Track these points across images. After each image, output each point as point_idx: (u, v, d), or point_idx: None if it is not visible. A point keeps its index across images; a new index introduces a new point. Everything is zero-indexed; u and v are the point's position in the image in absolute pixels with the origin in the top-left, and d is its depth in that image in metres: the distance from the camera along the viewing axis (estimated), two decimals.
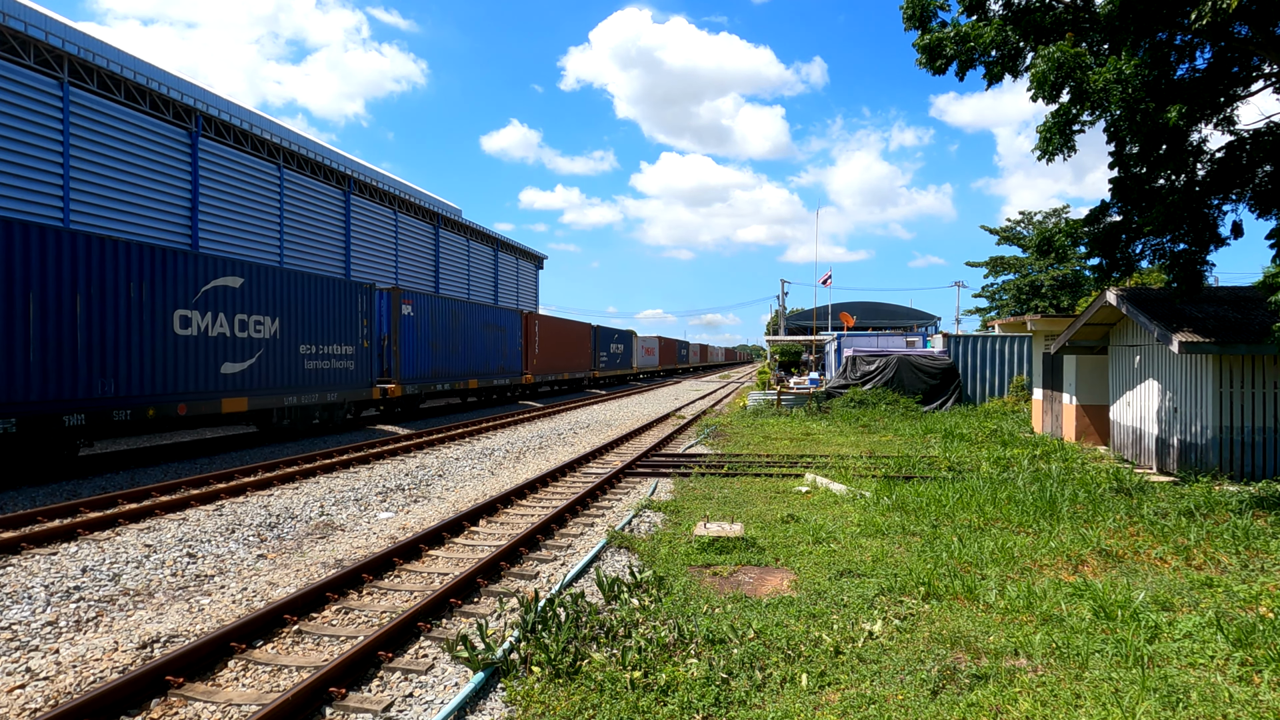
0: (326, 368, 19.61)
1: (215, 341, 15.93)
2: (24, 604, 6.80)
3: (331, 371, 19.81)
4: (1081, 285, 42.19)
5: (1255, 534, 8.35)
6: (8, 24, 22.33)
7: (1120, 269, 11.71)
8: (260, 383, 17.22)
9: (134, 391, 14.02)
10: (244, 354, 16.73)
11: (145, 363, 14.30)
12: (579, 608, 6.11)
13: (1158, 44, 10.13)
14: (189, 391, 15.27)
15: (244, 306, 16.72)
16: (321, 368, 19.40)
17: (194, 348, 15.41)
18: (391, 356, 22.91)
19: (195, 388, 15.44)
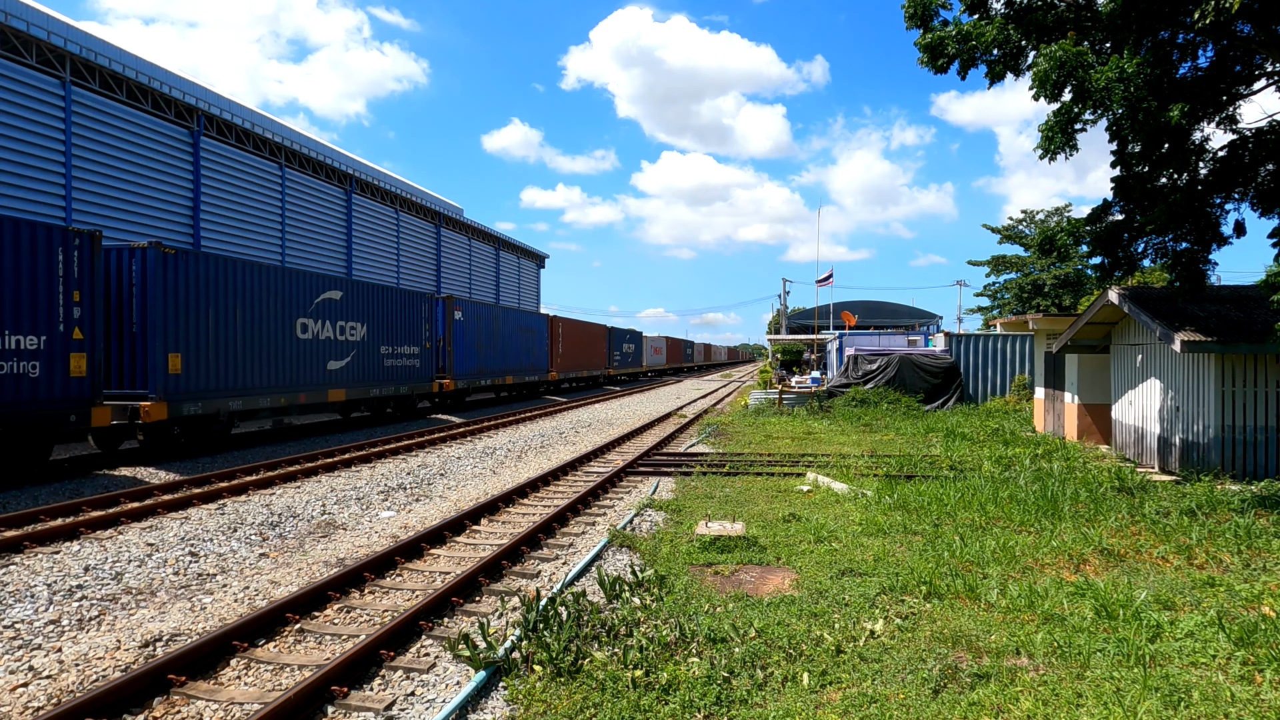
0: (399, 365, 23.19)
1: (324, 344, 19.52)
2: (27, 603, 6.81)
3: (403, 368, 23.43)
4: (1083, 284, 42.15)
5: (1257, 533, 8.34)
6: (10, 23, 22.35)
7: (1122, 268, 11.70)
8: (354, 377, 20.83)
9: (273, 383, 17.66)
10: (343, 354, 20.36)
11: (280, 361, 17.86)
12: (580, 607, 6.12)
13: (1160, 43, 10.11)
14: (307, 384, 18.81)
15: (343, 315, 20.33)
16: (395, 365, 23.02)
17: (310, 349, 18.97)
18: (445, 356, 26.44)
19: (311, 381, 18.98)
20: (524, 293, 64.26)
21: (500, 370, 30.96)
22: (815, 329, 53.83)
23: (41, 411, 12.25)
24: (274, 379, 17.61)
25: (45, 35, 23.50)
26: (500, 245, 59.28)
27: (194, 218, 29.40)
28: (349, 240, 39.84)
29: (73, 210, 24.19)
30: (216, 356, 15.97)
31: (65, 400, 12.65)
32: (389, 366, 22.64)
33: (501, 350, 31.06)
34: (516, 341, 32.76)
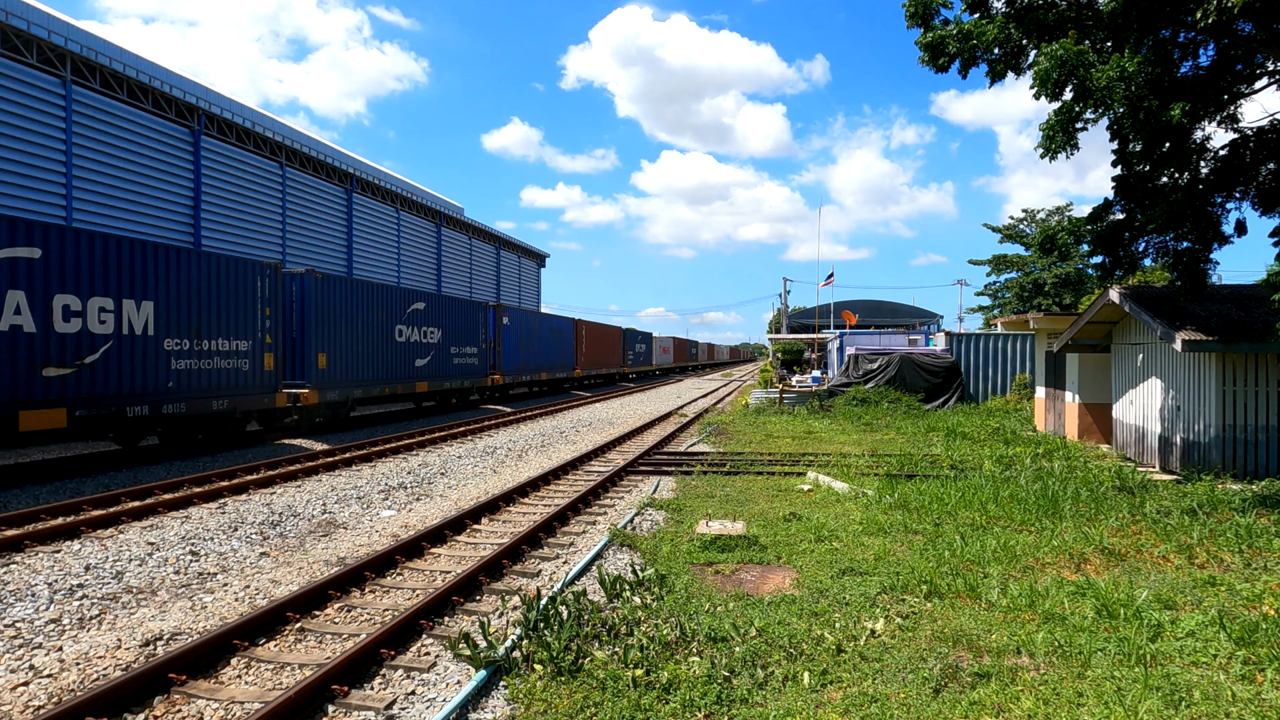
0: (463, 363, 27.49)
1: (413, 346, 23.88)
2: (28, 602, 6.81)
3: (466, 366, 27.65)
4: (1084, 283, 42.10)
5: (1258, 532, 8.34)
6: (10, 22, 22.36)
7: (1123, 267, 11.68)
8: (432, 373, 25.11)
9: (379, 377, 21.96)
10: (425, 354, 24.66)
11: (384, 359, 22.23)
12: (581, 606, 6.12)
13: (1161, 41, 10.09)
14: (402, 378, 23.28)
15: (425, 321, 24.70)
16: (461, 363, 27.25)
17: (404, 350, 23.34)
18: (496, 355, 30.66)
19: (404, 376, 23.44)
20: (524, 292, 64.24)
21: (537, 368, 35.19)
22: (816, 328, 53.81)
23: (250, 395, 16.72)
24: (380, 374, 22.03)
25: (46, 34, 23.50)
26: (501, 244, 59.27)
27: (195, 216, 29.42)
28: (349, 239, 39.85)
29: (73, 209, 24.19)
30: (346, 355, 20.35)
31: (262, 388, 17.09)
32: (456, 364, 26.92)
33: (538, 350, 35.40)
34: (549, 343, 37.17)
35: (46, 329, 12.25)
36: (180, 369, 14.87)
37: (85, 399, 12.83)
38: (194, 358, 15.20)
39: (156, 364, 14.33)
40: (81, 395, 12.78)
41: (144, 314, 14.04)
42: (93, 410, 12.93)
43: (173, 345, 14.69)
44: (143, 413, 13.92)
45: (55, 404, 12.35)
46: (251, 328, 16.64)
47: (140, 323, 13.96)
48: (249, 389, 16.60)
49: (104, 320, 13.24)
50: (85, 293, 12.90)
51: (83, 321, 12.86)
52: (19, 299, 11.83)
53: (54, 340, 12.38)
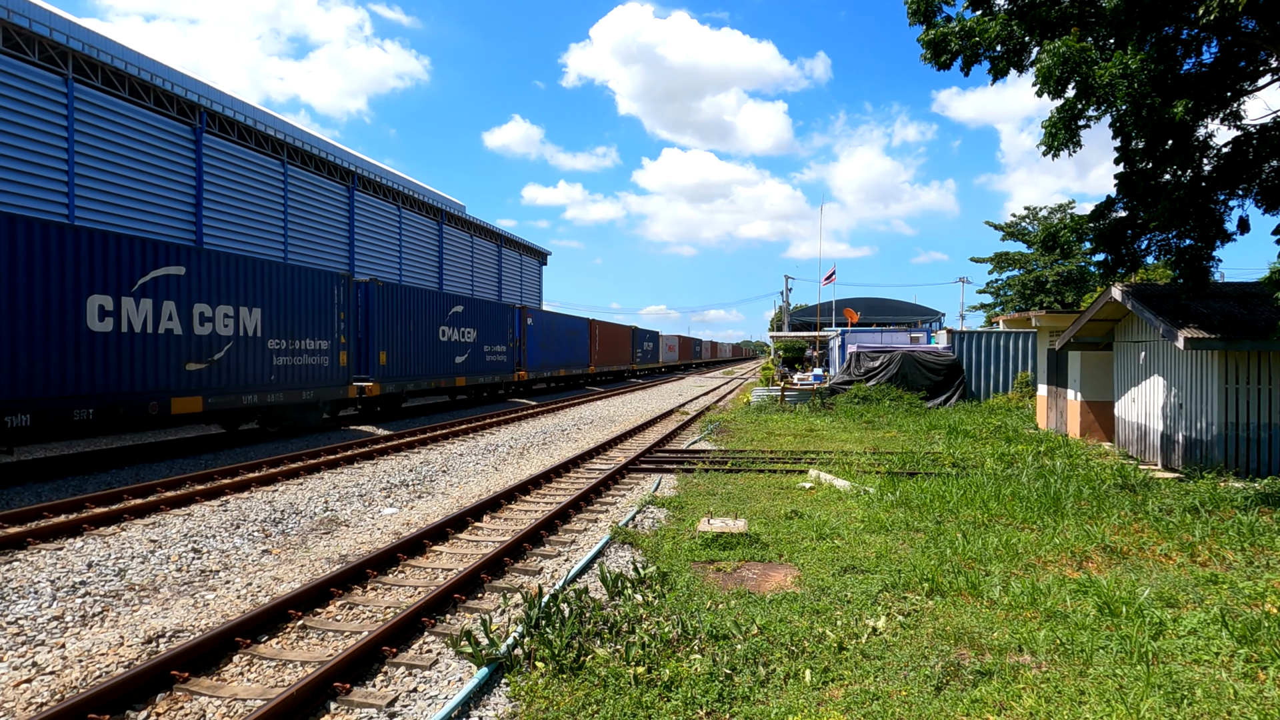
0: (495, 360, 30.24)
1: (454, 345, 26.72)
2: (30, 599, 6.83)
3: (496, 363, 30.36)
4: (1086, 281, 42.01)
5: (1261, 530, 8.33)
6: (12, 20, 22.36)
7: (1125, 265, 11.66)
8: (469, 369, 27.91)
9: (427, 373, 24.71)
10: (463, 352, 27.46)
11: (431, 357, 25.00)
12: (583, 603, 6.12)
13: (1164, 38, 10.07)
14: (445, 374, 25.98)
15: (464, 323, 27.46)
16: (492, 360, 30.03)
17: (446, 348, 26.11)
18: (521, 353, 33.16)
19: (447, 371, 26.08)
20: (526, 290, 64.22)
21: (556, 365, 38.09)
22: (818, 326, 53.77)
23: (329, 387, 19.51)
24: (427, 369, 24.74)
25: (48, 32, 23.51)
26: (502, 242, 59.26)
27: (196, 214, 29.44)
28: (351, 237, 39.86)
29: (75, 207, 24.21)
30: (401, 353, 23.06)
31: (337, 381, 19.84)
32: (488, 361, 29.70)
33: (557, 348, 38.20)
34: (567, 341, 39.99)
35: (189, 331, 15.09)
36: (279, 364, 17.70)
37: (214, 389, 15.70)
38: (289, 355, 18.04)
39: (263, 360, 17.12)
40: (212, 385, 15.65)
41: (254, 319, 16.88)
42: (219, 398, 15.81)
43: (274, 345, 17.52)
44: (253, 401, 16.82)
45: (195, 392, 15.24)
46: (330, 329, 19.63)
47: (251, 326, 16.78)
48: (328, 382, 19.52)
49: (227, 324, 16.06)
50: (214, 302, 15.70)
51: (212, 325, 15.68)
52: (170, 308, 14.65)
53: (193, 340, 15.20)
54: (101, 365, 13.26)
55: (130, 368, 13.81)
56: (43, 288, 12.25)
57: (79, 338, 12.86)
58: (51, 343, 12.41)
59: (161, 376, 14.41)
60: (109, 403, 13.31)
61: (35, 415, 12.04)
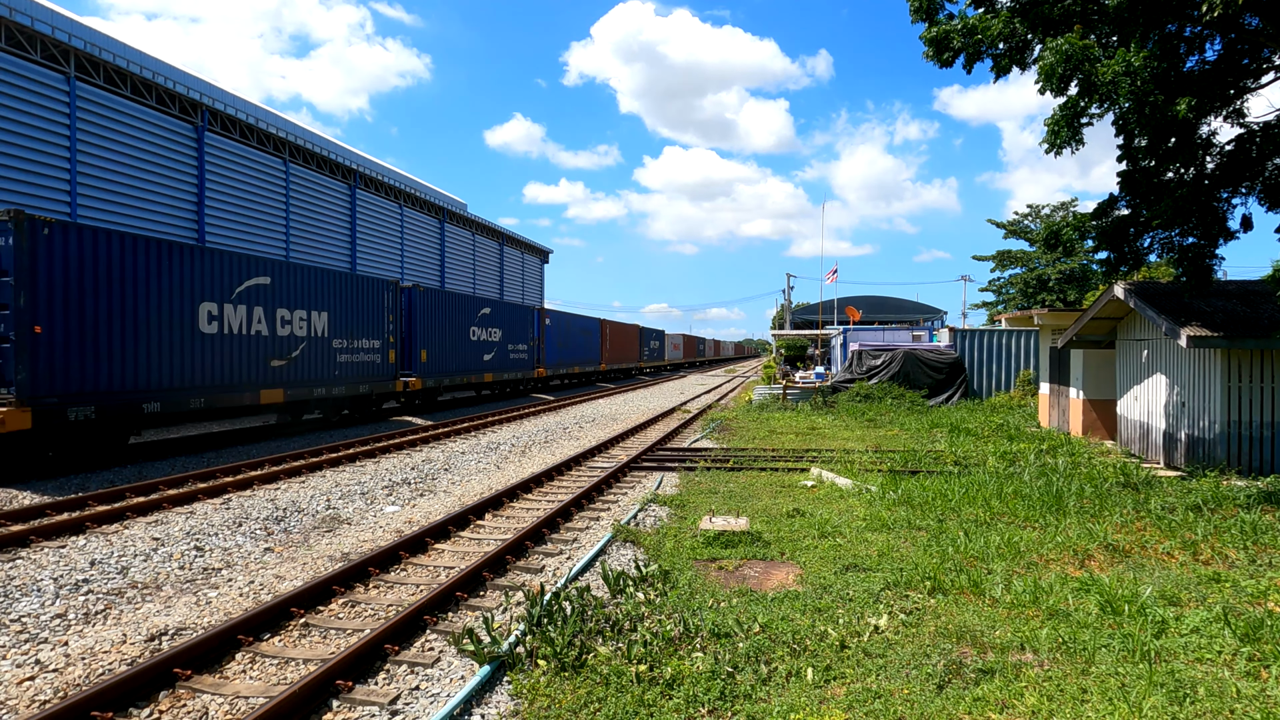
0: (517, 358, 32.51)
1: (482, 344, 29.02)
2: (33, 596, 6.84)
3: (518, 360, 32.69)
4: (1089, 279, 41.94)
5: (1263, 529, 8.31)
6: (14, 19, 22.37)
7: (1128, 263, 11.64)
8: (495, 366, 30.18)
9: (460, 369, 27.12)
10: (490, 350, 29.81)
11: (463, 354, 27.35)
12: (585, 601, 6.13)
13: (1167, 36, 10.05)
14: (475, 370, 28.32)
15: (490, 323, 29.80)
16: (515, 358, 32.31)
17: (476, 346, 28.56)
18: (540, 352, 35.52)
19: (476, 368, 28.50)
20: (528, 288, 64.22)
21: (571, 362, 40.54)
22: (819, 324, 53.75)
23: (380, 382, 22.01)
24: (460, 366, 27.04)
25: (50, 31, 23.52)
26: (504, 240, 59.25)
27: (198, 213, 29.45)
28: (353, 235, 39.88)
29: (77, 205, 24.23)
30: (438, 351, 25.39)
31: (387, 376, 22.34)
32: (512, 359, 31.99)
33: (571, 347, 40.69)
34: (580, 340, 42.58)
35: (273, 332, 17.45)
36: (341, 361, 20.17)
37: (292, 382, 18.15)
38: (349, 353, 20.51)
39: (329, 358, 19.61)
40: (290, 379, 18.07)
41: (322, 321, 19.33)
42: (296, 390, 18.32)
43: (338, 344, 20.03)
44: (321, 393, 19.30)
45: (278, 385, 17.63)
46: (381, 330, 22.08)
47: (320, 327, 19.23)
48: (379, 377, 22.03)
49: (301, 326, 18.47)
50: (292, 306, 18.12)
51: (290, 327, 18.06)
52: (259, 312, 17.01)
53: (276, 340, 17.56)
54: (210, 361, 15.72)
55: (231, 363, 16.25)
56: (169, 297, 14.71)
57: (194, 338, 15.33)
58: (175, 343, 14.85)
59: (253, 371, 16.86)
60: (216, 392, 15.84)
61: (164, 403, 14.55)
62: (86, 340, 13.05)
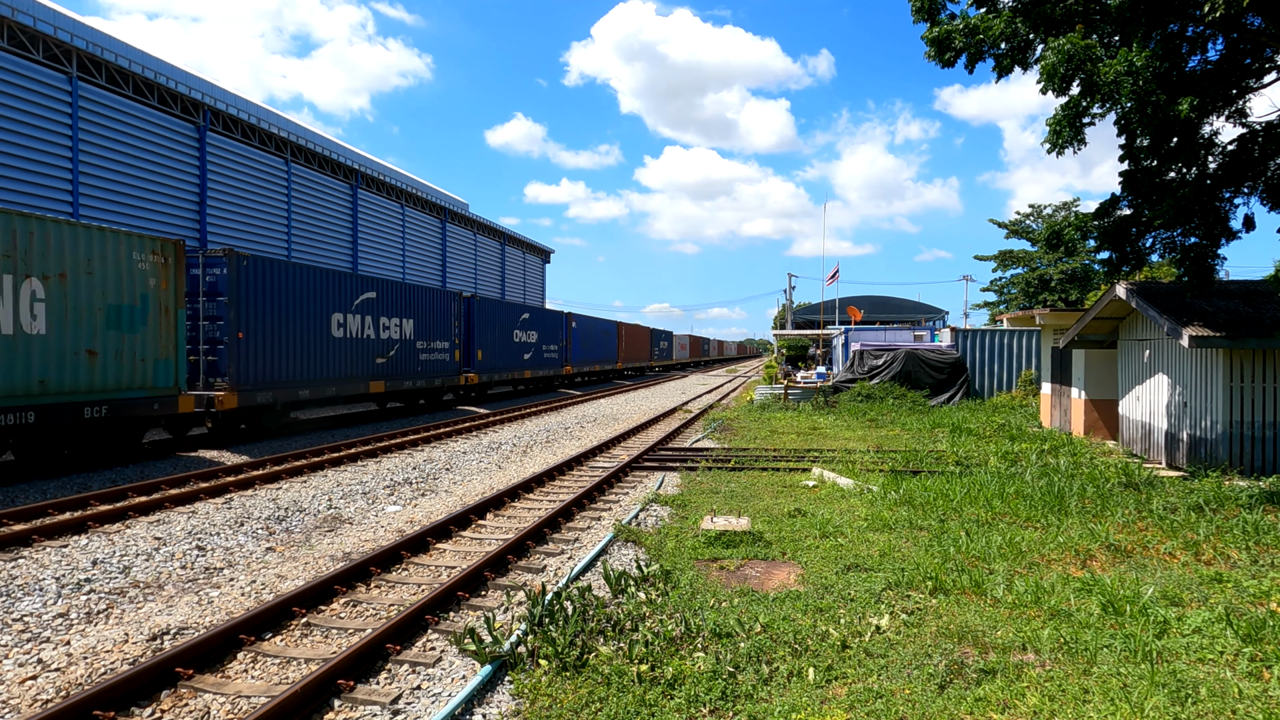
0: (549, 357, 36.76)
1: (522, 344, 33.02)
2: (35, 596, 6.85)
3: (550, 359, 36.88)
4: (1091, 279, 41.93)
5: (1266, 529, 8.30)
6: (16, 18, 22.39)
7: (1130, 263, 11.63)
8: (533, 364, 34.38)
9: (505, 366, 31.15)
10: (529, 350, 33.86)
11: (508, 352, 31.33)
12: (586, 601, 6.13)
13: (1169, 36, 10.03)
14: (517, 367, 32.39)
15: (529, 326, 33.86)
16: (548, 357, 36.47)
17: (518, 347, 32.46)
18: (568, 352, 39.58)
19: (519, 365, 32.59)
20: (529, 288, 64.23)
21: (592, 361, 44.41)
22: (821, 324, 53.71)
23: (448, 378, 26.04)
24: (506, 364, 31.21)
25: (52, 31, 23.54)
26: (506, 240, 59.26)
27: (200, 212, 29.48)
28: (355, 235, 39.89)
29: (80, 205, 24.26)
30: (490, 351, 29.44)
31: (453, 372, 26.41)
32: (546, 358, 36.09)
33: (593, 347, 44.71)
34: (600, 341, 46.60)
35: (377, 336, 21.73)
36: (422, 360, 24.35)
37: (390, 376, 22.40)
38: (427, 353, 24.63)
39: (414, 357, 23.87)
40: (388, 374, 22.29)
41: (410, 327, 23.53)
42: (393, 383, 22.54)
43: (420, 345, 24.19)
44: (409, 385, 23.52)
45: (381, 379, 21.87)
46: (449, 333, 26.24)
47: (408, 331, 23.45)
48: (448, 373, 26.05)
49: (396, 331, 22.72)
50: (390, 315, 22.38)
51: (389, 332, 22.29)
52: (369, 320, 21.32)
53: (379, 343, 21.78)
54: (339, 358, 19.87)
55: (351, 360, 20.44)
56: (312, 309, 18.86)
57: (328, 341, 19.50)
58: (316, 344, 18.99)
59: (365, 367, 21.11)
60: (343, 383, 20.10)
61: (311, 390, 18.76)
62: (266, 343, 17.20)
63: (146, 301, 13.84)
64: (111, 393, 13.13)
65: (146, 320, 13.83)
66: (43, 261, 11.94)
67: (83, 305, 12.63)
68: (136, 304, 13.66)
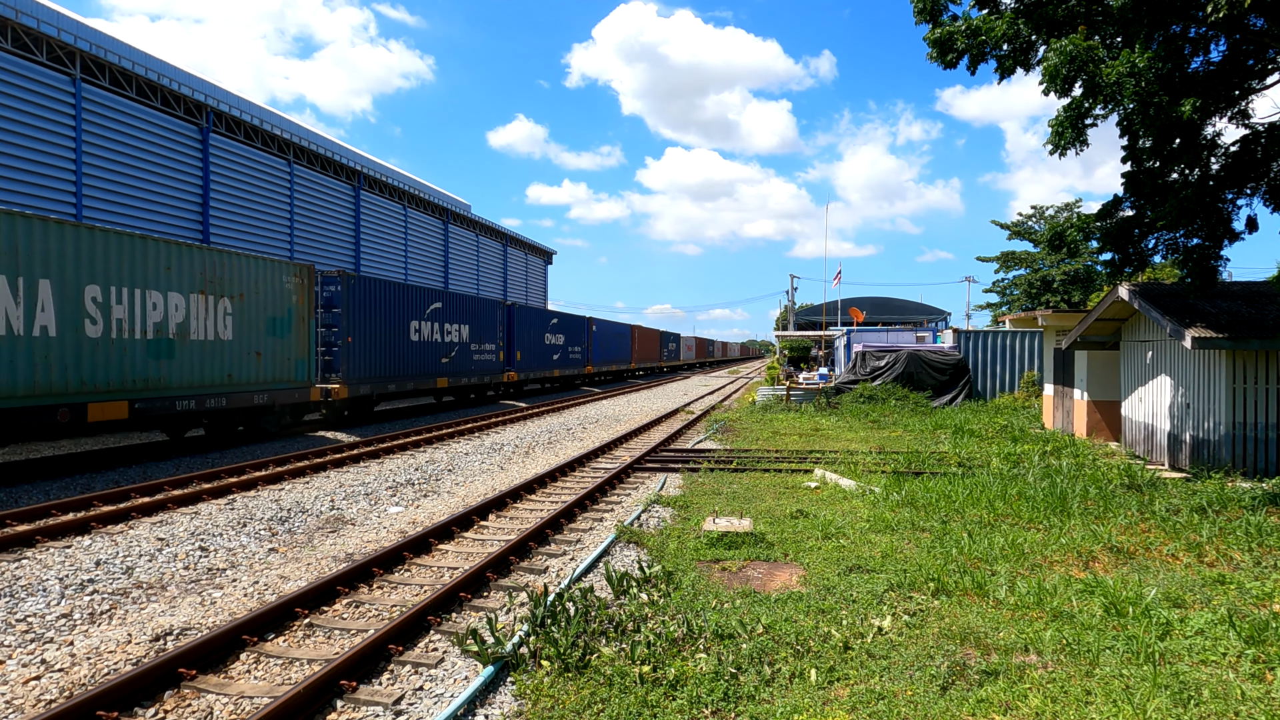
0: (574, 358, 40.73)
1: (551, 346, 37.04)
2: (39, 596, 6.86)
3: (574, 359, 40.79)
4: (1093, 280, 41.87)
5: (1268, 531, 8.29)
6: (20, 20, 22.46)
7: (1133, 264, 11.61)
8: (561, 364, 38.34)
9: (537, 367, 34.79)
10: (556, 351, 37.81)
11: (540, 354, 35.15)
12: (588, 602, 6.13)
13: (1171, 37, 10.02)
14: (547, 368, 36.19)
15: (558, 330, 37.98)
16: (573, 358, 40.48)
17: (548, 349, 36.36)
18: (589, 353, 43.55)
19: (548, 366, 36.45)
20: (531, 289, 64.27)
21: (610, 361, 48.37)
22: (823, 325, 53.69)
23: (495, 375, 29.89)
24: (539, 364, 35.11)
25: (55, 33, 23.60)
26: (508, 241, 59.31)
27: (203, 214, 29.53)
28: (357, 237, 39.94)
29: (83, 206, 24.31)
30: (527, 352, 33.29)
31: (499, 370, 30.20)
32: (570, 358, 40.07)
33: (609, 349, 48.42)
34: (616, 344, 50.43)
35: (443, 339, 25.70)
36: (475, 360, 28.20)
37: (451, 374, 26.23)
38: (479, 354, 28.52)
39: (469, 357, 27.75)
40: (450, 372, 26.15)
41: (465, 331, 27.46)
42: (453, 379, 26.41)
43: (474, 347, 28.15)
44: (466, 382, 27.47)
45: (444, 376, 25.68)
46: (496, 336, 30.02)
47: (465, 335, 27.39)
48: (494, 371, 29.93)
49: (456, 335, 26.67)
50: (451, 321, 26.33)
51: (450, 336, 26.23)
52: (436, 326, 25.19)
53: (443, 345, 25.74)
54: (415, 359, 23.78)
55: (424, 360, 24.33)
56: (395, 317, 22.63)
57: (407, 344, 23.33)
58: (398, 346, 22.82)
59: (434, 366, 25.01)
60: (418, 379, 24.01)
61: (396, 385, 22.63)
62: (366, 346, 21.04)
63: (290, 314, 17.78)
64: (269, 384, 17.07)
65: (291, 328, 17.76)
66: (230, 286, 15.86)
67: (253, 318, 16.48)
68: (284, 316, 17.57)
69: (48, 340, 12.07)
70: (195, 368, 14.91)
